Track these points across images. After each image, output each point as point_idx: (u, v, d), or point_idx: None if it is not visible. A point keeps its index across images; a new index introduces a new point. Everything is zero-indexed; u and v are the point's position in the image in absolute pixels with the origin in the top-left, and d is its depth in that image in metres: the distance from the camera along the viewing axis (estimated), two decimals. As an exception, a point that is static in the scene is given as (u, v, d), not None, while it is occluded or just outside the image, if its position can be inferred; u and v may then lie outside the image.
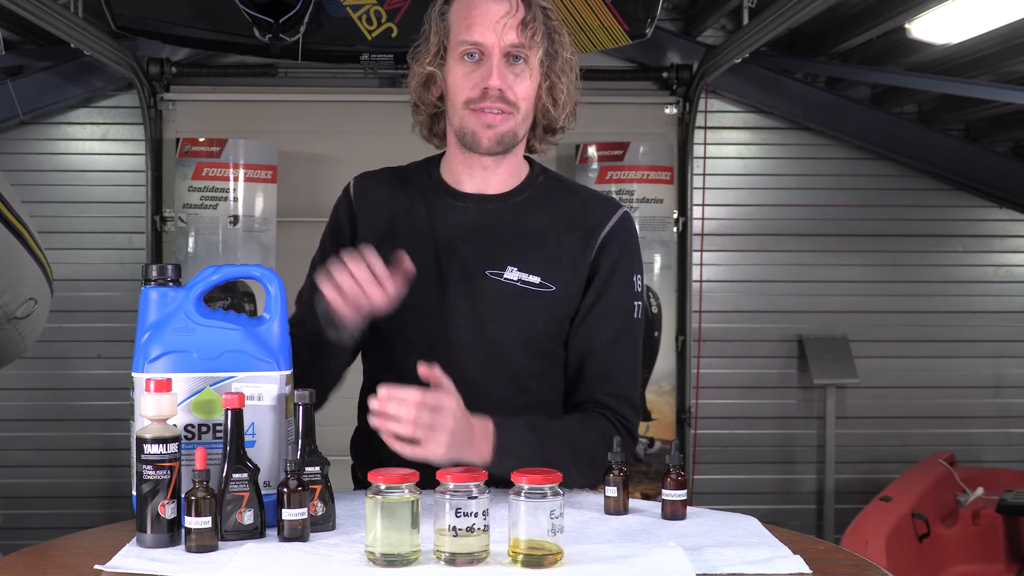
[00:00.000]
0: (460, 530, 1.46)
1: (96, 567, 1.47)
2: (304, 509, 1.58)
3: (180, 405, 1.61)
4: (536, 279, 1.95)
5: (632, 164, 5.55)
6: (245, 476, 1.57)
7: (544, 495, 1.47)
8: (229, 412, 1.57)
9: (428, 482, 1.53)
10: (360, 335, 1.90)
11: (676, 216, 5.74)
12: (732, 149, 5.99)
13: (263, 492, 1.60)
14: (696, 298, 5.87)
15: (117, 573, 1.46)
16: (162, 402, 1.55)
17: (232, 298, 5.05)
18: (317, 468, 1.64)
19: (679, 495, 1.74)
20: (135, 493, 1.58)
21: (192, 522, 1.52)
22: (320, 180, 5.54)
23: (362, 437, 2.00)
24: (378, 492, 1.48)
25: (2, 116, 5.58)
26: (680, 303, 5.84)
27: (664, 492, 1.74)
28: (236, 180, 5.36)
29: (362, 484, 1.95)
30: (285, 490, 1.57)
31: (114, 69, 5.39)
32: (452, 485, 1.47)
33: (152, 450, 1.54)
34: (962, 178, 5.93)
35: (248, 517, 1.58)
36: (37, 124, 5.74)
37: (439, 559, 1.48)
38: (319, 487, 1.63)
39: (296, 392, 1.66)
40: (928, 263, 6.03)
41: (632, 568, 1.46)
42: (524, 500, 1.47)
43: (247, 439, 1.60)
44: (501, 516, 1.50)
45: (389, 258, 1.99)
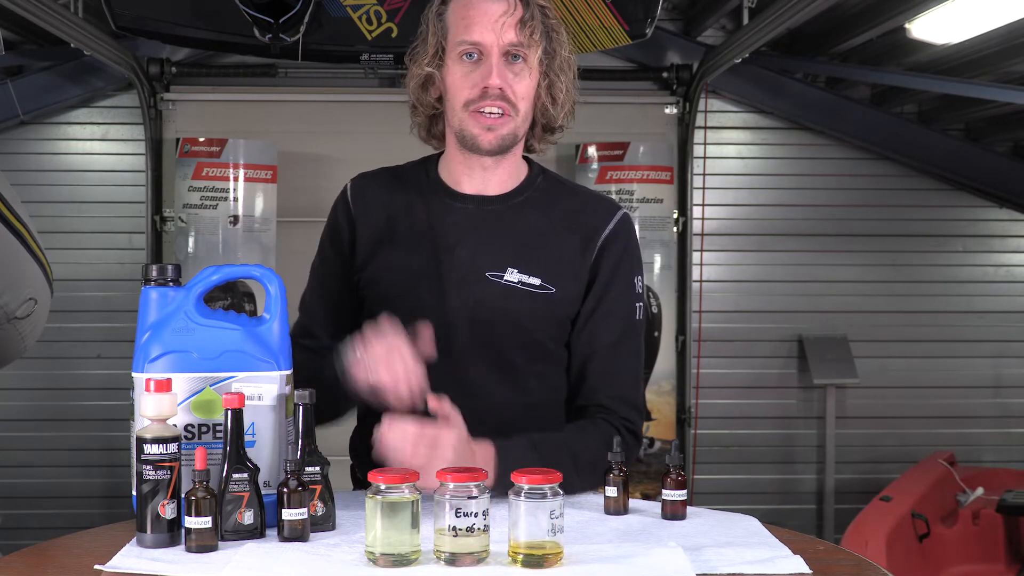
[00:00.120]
0: (460, 530, 1.46)
1: (96, 567, 1.47)
2: (304, 509, 1.58)
3: (180, 405, 1.61)
4: (536, 281, 1.94)
5: (632, 164, 5.55)
6: (245, 476, 1.57)
7: (544, 495, 1.47)
8: (229, 412, 1.57)
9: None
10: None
11: (676, 216, 5.74)
12: (732, 149, 5.99)
13: (263, 492, 1.60)
14: (696, 298, 5.87)
15: (117, 573, 1.46)
16: (162, 402, 1.55)
17: (232, 298, 5.05)
18: (317, 468, 1.63)
19: (679, 495, 1.74)
20: (135, 493, 1.58)
21: (192, 522, 1.52)
22: (320, 180, 5.54)
23: (362, 437, 1.99)
24: (378, 492, 1.48)
25: (2, 116, 5.58)
26: (680, 303, 5.84)
27: (664, 492, 1.74)
28: (236, 180, 5.36)
29: (362, 484, 1.95)
30: (285, 490, 1.57)
31: (114, 69, 5.39)
32: (452, 485, 1.47)
33: (152, 450, 1.54)
34: (962, 178, 5.93)
35: (248, 517, 1.58)
36: (37, 124, 5.74)
37: (439, 559, 1.48)
38: (319, 487, 1.63)
39: (296, 392, 1.66)
40: (928, 263, 6.03)
41: (632, 568, 1.46)
42: (524, 500, 1.47)
43: (247, 439, 1.60)
44: (501, 516, 1.50)
45: (388, 260, 1.99)
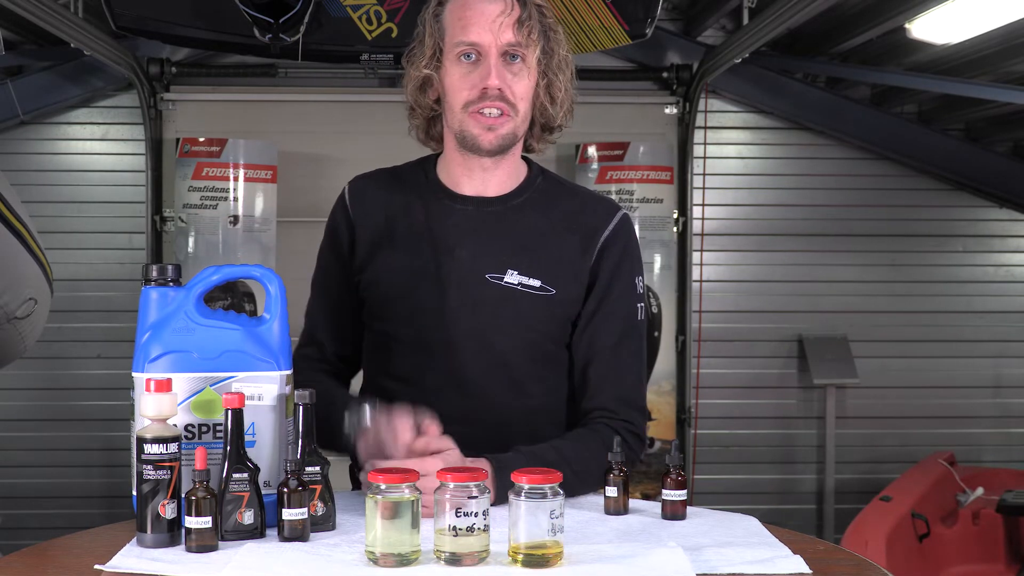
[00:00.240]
0: (460, 530, 1.46)
1: (96, 567, 1.47)
2: (304, 509, 1.58)
3: (180, 405, 1.61)
4: (536, 282, 1.94)
5: (632, 164, 5.55)
6: (245, 476, 1.57)
7: (544, 495, 1.47)
8: (229, 412, 1.57)
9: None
10: None
11: (676, 216, 5.74)
12: (732, 149, 5.99)
13: (263, 492, 1.60)
14: (696, 298, 5.86)
15: (117, 573, 1.46)
16: (162, 402, 1.55)
17: (232, 298, 5.05)
18: (317, 468, 1.63)
19: (679, 495, 1.74)
20: (135, 493, 1.58)
21: (192, 522, 1.52)
22: (320, 180, 5.54)
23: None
24: (378, 492, 1.48)
25: (2, 116, 5.57)
26: (680, 303, 5.83)
27: (664, 492, 1.74)
28: (236, 180, 5.36)
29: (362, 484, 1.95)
30: (285, 490, 1.57)
31: (114, 69, 5.39)
32: (452, 485, 1.47)
33: (152, 450, 1.54)
34: (962, 178, 5.93)
35: (248, 517, 1.58)
36: (37, 124, 5.74)
37: (439, 559, 1.48)
38: (319, 487, 1.63)
39: (296, 392, 1.66)
40: (928, 263, 6.03)
41: (632, 568, 1.46)
42: (524, 500, 1.47)
43: (247, 439, 1.60)
44: (501, 516, 1.50)
45: (388, 262, 1.98)
